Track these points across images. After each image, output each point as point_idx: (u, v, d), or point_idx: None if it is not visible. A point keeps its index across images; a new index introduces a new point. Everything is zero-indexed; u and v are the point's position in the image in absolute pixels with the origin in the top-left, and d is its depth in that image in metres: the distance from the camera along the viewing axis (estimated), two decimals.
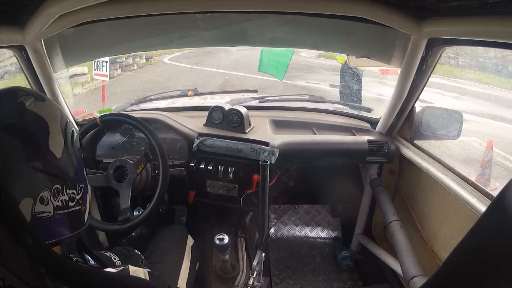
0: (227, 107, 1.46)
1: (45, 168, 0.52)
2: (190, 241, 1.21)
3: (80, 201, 0.59)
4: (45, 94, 1.33)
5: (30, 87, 1.33)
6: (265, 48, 2.14)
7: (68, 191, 0.56)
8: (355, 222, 1.80)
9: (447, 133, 1.40)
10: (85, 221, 0.62)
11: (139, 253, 1.03)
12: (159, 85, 6.88)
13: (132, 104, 1.82)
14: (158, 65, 9.31)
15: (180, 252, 1.12)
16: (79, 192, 0.59)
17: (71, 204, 0.56)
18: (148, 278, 0.83)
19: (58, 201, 0.53)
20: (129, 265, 0.80)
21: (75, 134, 0.62)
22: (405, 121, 1.45)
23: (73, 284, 0.43)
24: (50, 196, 0.52)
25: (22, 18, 0.98)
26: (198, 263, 1.23)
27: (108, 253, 1.00)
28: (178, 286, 1.01)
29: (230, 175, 1.36)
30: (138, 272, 0.81)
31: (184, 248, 1.15)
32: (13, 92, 0.56)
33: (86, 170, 0.65)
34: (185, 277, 1.06)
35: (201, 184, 1.42)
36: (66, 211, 0.55)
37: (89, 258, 0.81)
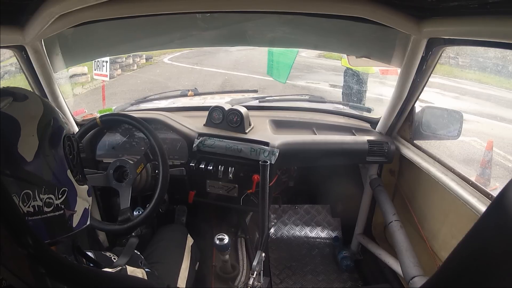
0: (227, 107, 1.46)
1: (12, 173, 0.50)
2: (189, 241, 1.21)
3: (62, 206, 0.56)
4: (45, 94, 1.33)
5: (30, 87, 1.33)
6: (272, 51, 2.15)
7: (41, 196, 0.52)
8: (355, 222, 1.80)
9: (447, 133, 1.40)
10: (74, 225, 0.59)
11: (139, 253, 1.03)
12: (159, 85, 6.89)
13: (132, 104, 1.82)
14: (158, 65, 9.31)
15: (179, 252, 1.12)
16: (60, 196, 0.55)
17: (46, 209, 0.53)
18: (146, 278, 0.83)
19: (28, 207, 0.50)
20: (127, 265, 0.80)
21: (63, 132, 0.59)
22: (405, 121, 1.45)
23: (73, 284, 0.43)
24: (19, 201, 0.49)
25: (22, 18, 0.98)
26: (198, 263, 1.23)
27: (108, 253, 1.00)
28: (178, 285, 1.01)
29: (230, 175, 1.36)
30: (136, 272, 0.81)
31: (183, 248, 1.15)
32: None
33: (86, 170, 0.64)
34: (185, 276, 1.06)
35: (201, 184, 1.42)
36: (40, 217, 0.52)
37: (85, 261, 0.81)
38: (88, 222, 0.64)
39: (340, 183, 1.83)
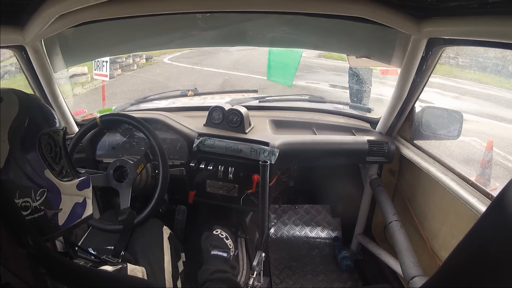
0: (227, 107, 1.46)
1: None
2: (166, 232, 1.16)
3: (42, 207, 0.55)
4: (45, 94, 1.33)
5: (30, 87, 1.33)
6: (272, 53, 2.13)
7: (16, 201, 0.51)
8: (355, 222, 1.80)
9: (447, 133, 1.40)
10: (60, 224, 0.58)
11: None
12: (159, 85, 6.88)
13: (132, 104, 1.82)
14: (158, 65, 9.31)
15: (159, 247, 1.08)
16: (38, 198, 0.54)
17: (24, 213, 0.52)
18: (146, 277, 0.83)
19: None
20: (128, 264, 0.80)
21: (41, 132, 0.57)
22: (405, 121, 1.45)
23: (73, 284, 0.43)
24: None
25: (22, 18, 0.98)
26: (183, 253, 1.18)
27: (109, 246, 1.00)
28: (166, 279, 0.99)
29: (230, 175, 1.36)
30: (136, 271, 0.81)
31: (162, 241, 1.11)
32: None
33: (85, 170, 0.63)
34: (169, 271, 1.02)
35: (201, 184, 1.42)
36: None
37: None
38: (84, 215, 0.63)
39: (340, 183, 1.83)
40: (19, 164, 0.53)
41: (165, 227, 1.19)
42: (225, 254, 1.01)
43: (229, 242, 1.08)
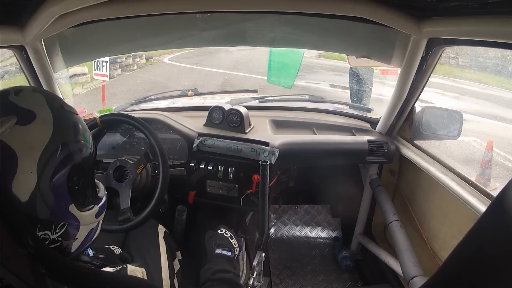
0: (227, 107, 1.46)
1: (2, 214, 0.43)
2: (161, 231, 1.16)
3: (59, 239, 0.52)
4: None
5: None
6: (273, 54, 2.12)
7: (36, 233, 0.48)
8: (355, 222, 1.80)
9: (447, 133, 1.40)
10: (72, 250, 0.56)
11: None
12: (159, 85, 6.88)
13: (132, 104, 1.81)
14: (158, 65, 9.31)
15: (155, 246, 1.09)
16: (58, 230, 0.50)
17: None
18: (145, 277, 0.83)
19: None
20: (127, 264, 0.80)
21: (71, 162, 0.50)
22: (405, 121, 1.45)
23: (73, 284, 0.43)
24: None
25: (22, 18, 0.98)
26: (178, 251, 1.18)
27: (111, 246, 1.00)
28: (163, 279, 0.99)
29: (230, 175, 1.36)
30: (136, 271, 0.81)
31: (157, 240, 1.11)
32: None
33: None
34: (166, 269, 1.02)
35: (201, 184, 1.42)
36: None
37: (89, 251, 0.82)
38: (94, 237, 0.61)
39: (340, 183, 1.83)
40: (45, 199, 0.48)
41: (160, 226, 1.19)
42: (229, 253, 1.01)
43: (233, 241, 1.08)
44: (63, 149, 0.49)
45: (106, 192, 0.67)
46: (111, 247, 1.05)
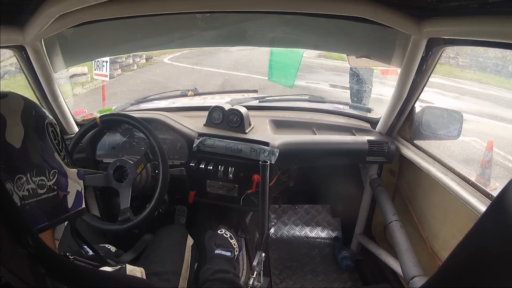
0: (227, 107, 1.46)
1: (4, 161, 0.52)
2: (190, 241, 1.21)
3: (55, 187, 0.58)
4: (45, 94, 1.33)
5: (30, 87, 1.33)
6: (273, 54, 2.12)
7: (34, 178, 0.55)
8: (355, 222, 1.80)
9: (447, 133, 1.40)
10: (69, 206, 0.61)
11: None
12: (159, 85, 6.88)
13: (132, 104, 1.81)
14: (158, 65, 9.31)
15: (180, 252, 1.12)
16: (51, 177, 0.58)
17: (40, 191, 0.55)
18: (145, 277, 0.84)
19: (23, 191, 0.53)
20: (126, 264, 0.80)
21: (46, 121, 0.62)
22: (405, 121, 1.45)
23: (73, 284, 0.43)
24: (14, 187, 0.51)
25: (22, 18, 0.98)
26: (196, 263, 1.23)
27: (107, 245, 1.02)
28: (179, 286, 1.01)
29: (230, 175, 1.36)
30: (135, 271, 0.81)
31: (184, 248, 1.15)
32: None
33: (85, 170, 0.63)
34: (186, 277, 1.06)
35: (201, 184, 1.42)
36: (35, 199, 0.54)
37: (88, 249, 0.83)
38: (82, 205, 0.65)
39: (340, 183, 1.83)
40: (34, 145, 0.57)
41: (189, 237, 1.24)
42: (228, 254, 1.02)
43: (233, 242, 1.09)
44: (35, 111, 0.60)
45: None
46: (106, 245, 1.07)
